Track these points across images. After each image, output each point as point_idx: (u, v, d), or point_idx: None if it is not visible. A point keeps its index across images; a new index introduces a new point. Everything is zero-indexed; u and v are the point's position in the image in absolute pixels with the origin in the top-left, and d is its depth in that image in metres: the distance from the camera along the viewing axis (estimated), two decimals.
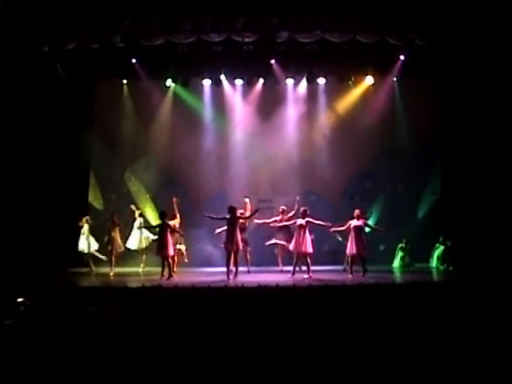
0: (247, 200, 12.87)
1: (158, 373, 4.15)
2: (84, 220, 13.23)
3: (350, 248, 11.79)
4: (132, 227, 13.56)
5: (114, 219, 12.95)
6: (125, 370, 4.25)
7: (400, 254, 14.05)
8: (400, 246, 14.09)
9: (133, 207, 13.71)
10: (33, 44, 12.48)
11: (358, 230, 11.76)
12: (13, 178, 12.62)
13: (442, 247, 13.61)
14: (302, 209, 12.10)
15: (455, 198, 14.07)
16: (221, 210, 12.90)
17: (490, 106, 12.97)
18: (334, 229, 12.14)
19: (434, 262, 13.78)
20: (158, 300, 8.09)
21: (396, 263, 14.07)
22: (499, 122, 12.83)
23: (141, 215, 13.79)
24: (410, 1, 11.84)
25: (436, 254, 13.76)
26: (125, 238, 13.34)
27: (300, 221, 11.82)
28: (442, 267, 13.38)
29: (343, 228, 11.96)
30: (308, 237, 11.69)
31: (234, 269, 11.56)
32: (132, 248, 13.49)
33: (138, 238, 13.48)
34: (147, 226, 13.59)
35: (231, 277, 11.22)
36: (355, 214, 11.88)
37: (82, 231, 13.19)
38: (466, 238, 13.10)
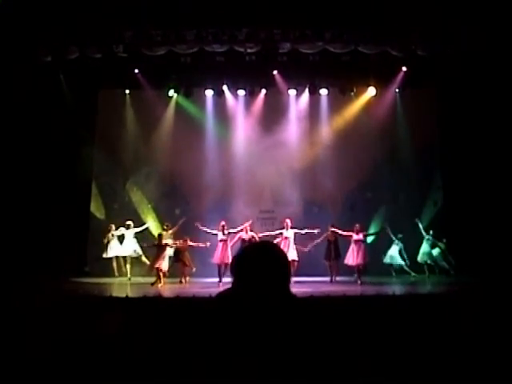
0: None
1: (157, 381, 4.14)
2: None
3: (351, 259, 12.66)
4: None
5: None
6: (124, 377, 4.24)
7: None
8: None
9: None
10: (35, 53, 12.53)
11: (359, 243, 12.68)
12: (15, 187, 12.62)
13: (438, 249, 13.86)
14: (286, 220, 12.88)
15: (457, 209, 14.04)
16: (222, 220, 12.89)
17: (492, 117, 12.98)
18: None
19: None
20: (160, 310, 8.07)
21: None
22: (500, 132, 12.83)
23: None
24: (412, 12, 11.86)
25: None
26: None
27: (286, 233, 12.57)
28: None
29: (345, 234, 12.85)
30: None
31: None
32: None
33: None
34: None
35: None
36: (355, 229, 12.74)
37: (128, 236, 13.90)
38: (467, 249, 13.06)
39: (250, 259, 2.09)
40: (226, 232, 12.49)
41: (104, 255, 13.77)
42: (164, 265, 12.32)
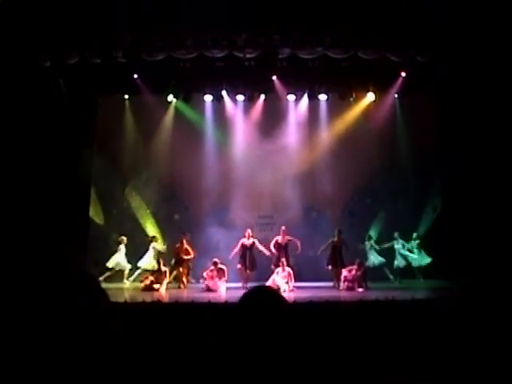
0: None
1: None
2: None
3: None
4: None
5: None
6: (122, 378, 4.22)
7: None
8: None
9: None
10: (35, 58, 12.51)
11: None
12: (13, 193, 12.59)
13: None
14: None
15: (456, 215, 14.01)
16: (221, 225, 12.86)
17: (491, 123, 12.96)
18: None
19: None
20: (158, 315, 8.05)
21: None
22: (500, 137, 12.82)
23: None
24: (411, 17, 11.88)
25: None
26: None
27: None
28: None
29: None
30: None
31: None
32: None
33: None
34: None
35: None
36: (357, 263, 12.45)
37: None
38: (467, 255, 13.03)
39: (251, 308, 2.05)
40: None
41: (108, 264, 13.63)
42: (162, 289, 12.38)
